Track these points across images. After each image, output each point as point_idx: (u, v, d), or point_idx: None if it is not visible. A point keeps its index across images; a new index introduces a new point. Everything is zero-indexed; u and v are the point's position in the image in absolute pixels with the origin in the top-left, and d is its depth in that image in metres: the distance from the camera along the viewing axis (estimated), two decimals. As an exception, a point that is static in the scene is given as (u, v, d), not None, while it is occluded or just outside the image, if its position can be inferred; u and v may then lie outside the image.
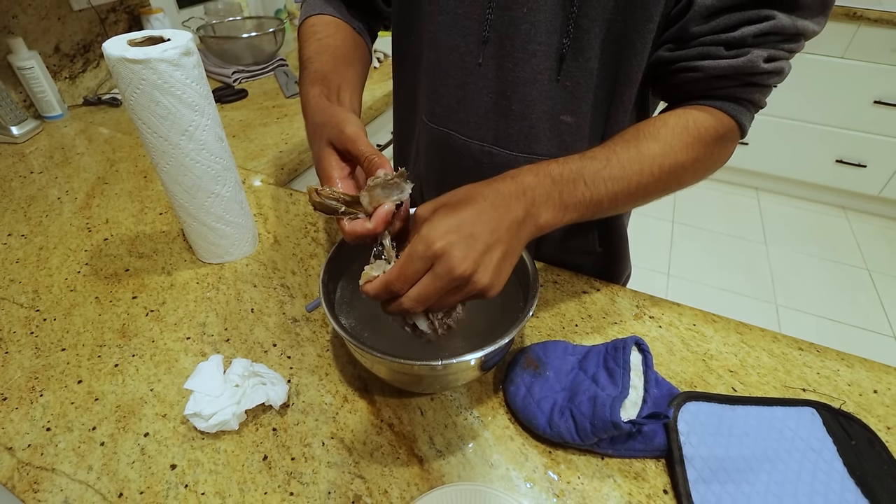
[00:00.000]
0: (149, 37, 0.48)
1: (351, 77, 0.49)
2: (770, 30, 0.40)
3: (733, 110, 0.45)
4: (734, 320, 0.55)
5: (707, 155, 0.45)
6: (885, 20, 1.85)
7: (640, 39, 0.45)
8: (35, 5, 0.95)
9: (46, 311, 0.56)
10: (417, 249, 0.32)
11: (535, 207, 0.36)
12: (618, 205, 0.42)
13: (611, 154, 0.41)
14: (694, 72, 0.44)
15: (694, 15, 0.42)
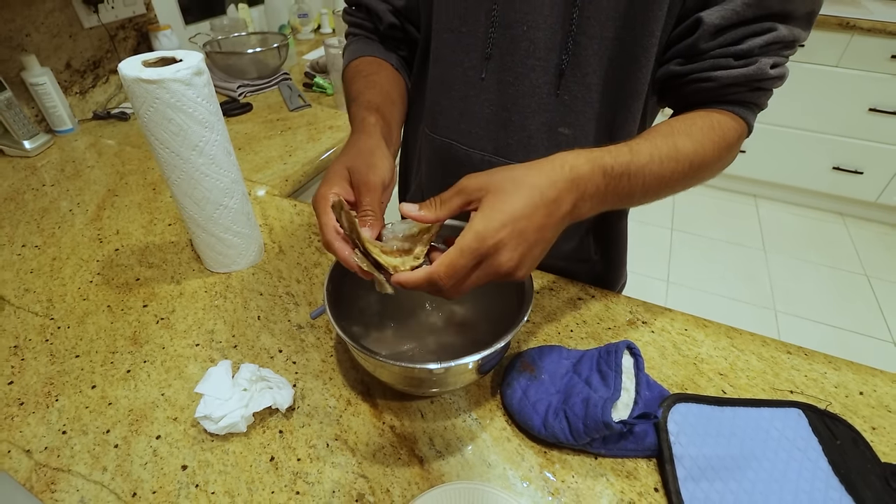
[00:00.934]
0: (161, 57, 0.50)
1: (397, 116, 0.52)
2: (773, 40, 0.43)
3: (743, 113, 0.48)
4: (724, 325, 0.57)
5: (727, 154, 0.48)
6: (877, 29, 1.88)
7: (643, 54, 0.47)
8: (48, 24, 0.98)
9: (60, 320, 0.58)
10: (470, 246, 0.33)
11: (581, 201, 0.38)
12: (646, 197, 0.44)
13: (654, 150, 0.42)
14: (707, 82, 0.46)
15: (703, 34, 0.44)
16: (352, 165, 0.41)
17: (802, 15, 0.44)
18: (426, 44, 0.57)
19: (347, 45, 0.61)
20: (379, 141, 0.45)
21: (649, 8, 0.45)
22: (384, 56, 0.59)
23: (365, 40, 0.60)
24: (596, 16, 0.46)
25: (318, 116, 1.08)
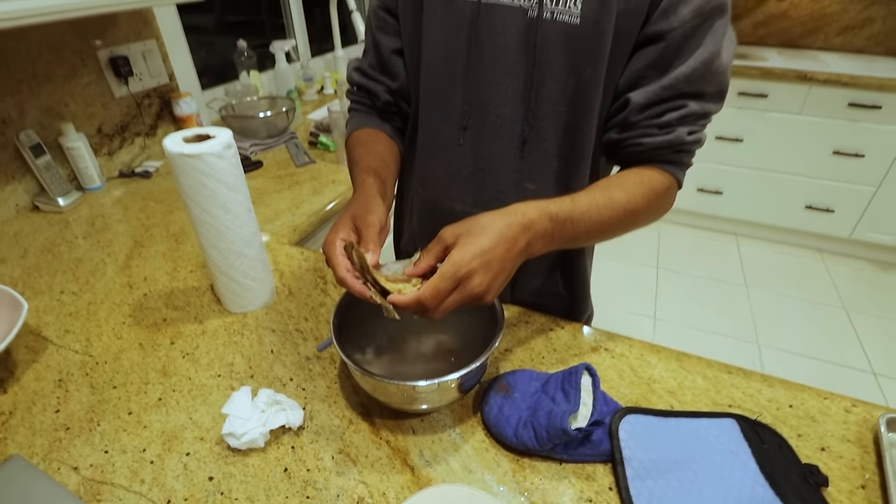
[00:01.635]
0: (197, 134, 0.62)
1: (391, 176, 0.63)
2: (686, 114, 0.55)
3: (671, 169, 0.59)
4: (675, 350, 0.65)
5: (657, 203, 0.58)
6: (833, 81, 2.06)
7: (587, 126, 0.59)
8: (84, 95, 1.12)
9: (98, 356, 0.66)
10: (448, 272, 0.43)
11: (534, 240, 0.48)
12: (590, 239, 0.55)
13: (592, 200, 0.53)
14: (638, 146, 0.58)
15: (632, 109, 0.56)
16: (354, 213, 0.52)
17: (712, 93, 0.56)
18: (415, 116, 0.69)
19: (350, 117, 0.73)
20: (376, 195, 0.55)
21: (590, 91, 0.56)
22: (381, 127, 0.70)
23: (365, 114, 0.72)
24: (548, 97, 0.58)
25: (321, 171, 1.20)
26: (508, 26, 0.56)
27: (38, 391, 0.61)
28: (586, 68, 0.55)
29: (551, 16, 0.54)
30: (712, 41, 0.52)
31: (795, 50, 2.47)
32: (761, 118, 2.24)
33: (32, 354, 0.67)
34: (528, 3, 0.55)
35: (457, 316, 0.59)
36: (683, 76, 0.53)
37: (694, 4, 0.51)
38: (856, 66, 2.17)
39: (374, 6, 0.66)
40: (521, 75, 0.58)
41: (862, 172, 2.19)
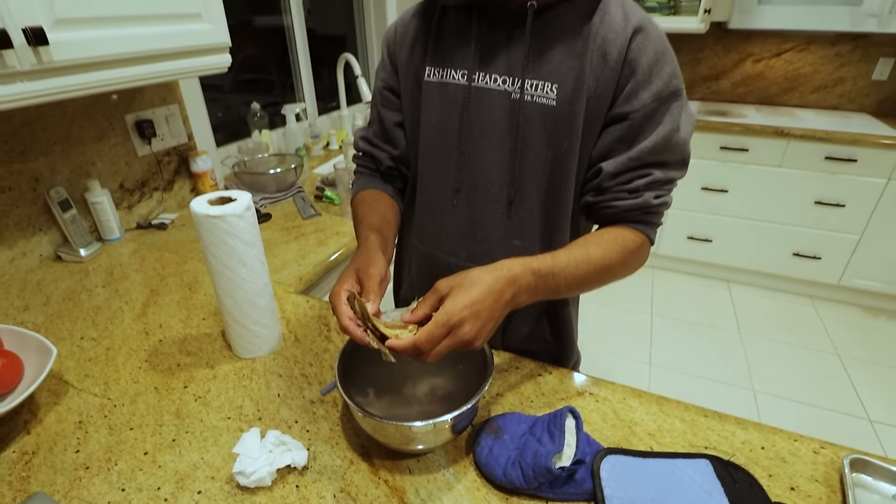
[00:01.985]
0: (220, 197, 0.69)
1: (392, 232, 0.70)
2: (652, 181, 0.63)
3: (642, 229, 0.66)
4: (656, 395, 0.70)
5: (630, 258, 0.65)
6: (808, 136, 2.19)
7: (565, 190, 0.67)
8: (111, 154, 1.21)
9: (116, 399, 0.71)
10: (441, 320, 0.49)
11: (519, 293, 0.54)
12: (570, 291, 0.61)
13: (570, 257, 0.59)
14: (611, 209, 0.65)
15: (604, 177, 0.64)
16: (358, 267, 0.59)
17: (674, 162, 0.64)
18: (414, 180, 0.77)
19: (356, 179, 0.81)
20: (377, 250, 0.62)
21: (566, 161, 0.64)
22: (383, 188, 0.78)
23: (369, 176, 0.80)
24: (531, 166, 0.66)
25: (326, 224, 1.27)
26: (495, 107, 0.65)
27: (60, 432, 0.65)
28: (563, 142, 0.63)
29: (531, 98, 0.63)
30: (670, 120, 0.61)
31: (773, 107, 2.63)
32: (744, 170, 2.36)
33: (54, 397, 0.71)
34: (512, 88, 0.64)
35: (450, 362, 0.64)
36: (647, 149, 0.61)
37: (653, 90, 0.60)
38: (830, 122, 2.31)
39: (379, 86, 0.76)
40: (506, 147, 0.66)
41: (844, 221, 2.28)
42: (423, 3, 0.71)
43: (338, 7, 2.27)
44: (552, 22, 0.61)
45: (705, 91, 2.77)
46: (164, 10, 0.94)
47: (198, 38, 1.01)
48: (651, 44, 0.59)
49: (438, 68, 0.67)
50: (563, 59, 0.61)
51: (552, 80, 0.61)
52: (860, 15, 2.14)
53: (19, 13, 0.74)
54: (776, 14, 2.25)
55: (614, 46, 0.59)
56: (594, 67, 0.60)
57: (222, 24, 1.06)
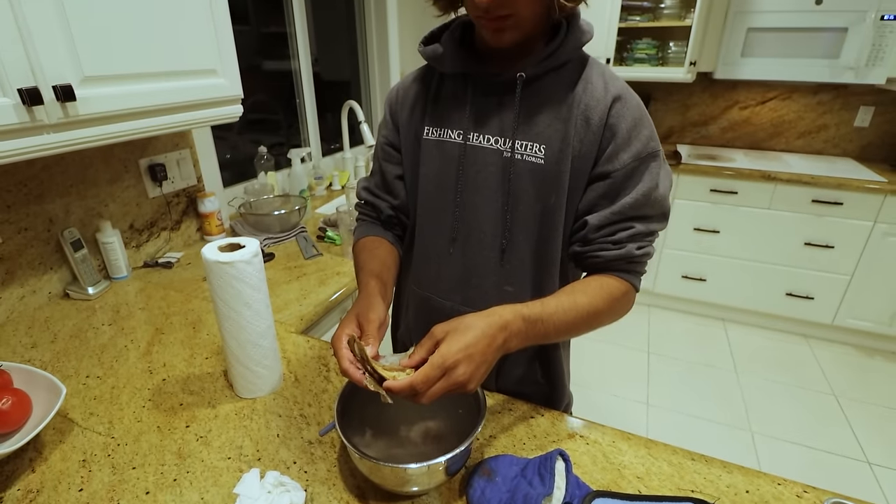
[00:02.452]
0: (230, 243, 0.73)
1: (391, 277, 0.74)
2: (634, 233, 0.67)
3: (627, 277, 0.70)
4: (644, 438, 0.72)
5: (615, 305, 0.69)
6: (794, 180, 2.27)
7: (553, 241, 0.71)
8: (123, 196, 1.27)
9: (120, 438, 0.72)
10: (437, 362, 0.52)
11: (510, 338, 0.58)
12: (559, 336, 0.64)
13: (558, 304, 0.63)
14: (597, 258, 0.69)
15: (589, 229, 0.69)
16: (359, 312, 0.63)
17: (655, 216, 0.69)
18: (413, 229, 0.81)
19: (358, 226, 0.86)
20: (377, 295, 0.66)
21: (554, 214, 0.69)
22: (383, 235, 0.83)
23: (370, 224, 0.85)
24: (521, 218, 0.71)
25: (327, 264, 1.32)
26: (489, 164, 0.70)
27: (64, 470, 0.67)
28: (551, 197, 0.68)
29: (521, 157, 0.68)
30: (649, 178, 0.66)
31: (760, 151, 2.73)
32: (734, 212, 2.43)
33: (59, 435, 0.73)
34: (504, 147, 0.69)
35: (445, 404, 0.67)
36: (628, 205, 0.66)
37: (632, 152, 0.65)
38: (816, 167, 2.40)
39: (382, 142, 0.82)
40: (499, 200, 0.71)
41: (834, 262, 2.33)
42: (423, 68, 0.78)
43: (343, 55, 2.39)
44: (539, 90, 0.67)
45: (695, 136, 2.88)
46: (183, 66, 1.02)
47: (213, 91, 1.09)
48: (629, 111, 0.65)
49: (437, 128, 0.73)
50: (549, 122, 0.67)
51: (540, 141, 0.67)
52: (838, 67, 2.25)
53: (51, 72, 0.80)
54: (759, 66, 2.37)
55: (596, 112, 0.65)
56: (578, 131, 0.66)
57: (236, 78, 1.14)
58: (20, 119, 0.77)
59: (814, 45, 2.27)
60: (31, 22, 0.76)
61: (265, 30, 1.95)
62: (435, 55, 0.72)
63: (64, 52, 0.81)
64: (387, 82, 2.50)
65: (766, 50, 2.34)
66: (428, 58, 0.73)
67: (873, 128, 2.55)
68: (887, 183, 2.15)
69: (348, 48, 2.41)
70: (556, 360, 0.81)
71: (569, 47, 0.65)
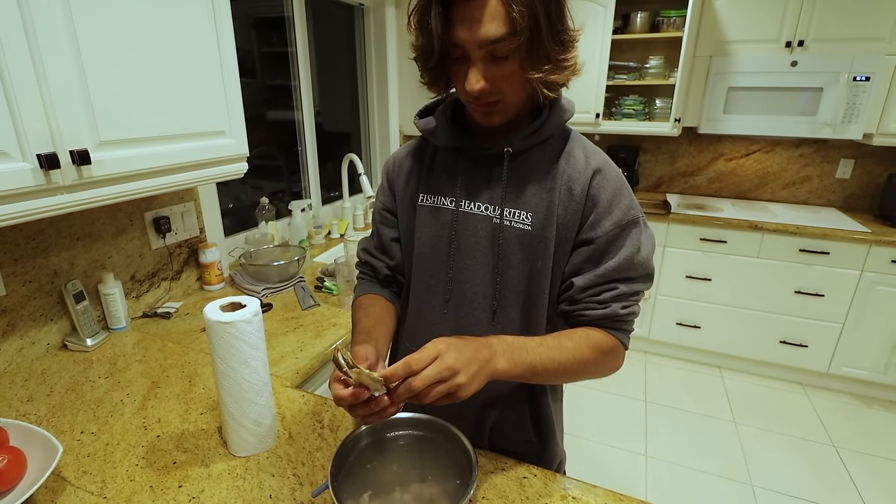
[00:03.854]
0: (231, 302, 0.76)
1: (384, 331, 0.77)
2: (618, 294, 0.70)
3: (614, 333, 0.73)
4: (637, 499, 0.72)
5: (602, 358, 0.71)
6: (781, 230, 2.33)
7: (541, 301, 0.74)
8: (127, 248, 1.30)
9: (112, 498, 0.72)
10: (429, 347, 0.55)
11: (495, 356, 0.61)
12: (547, 374, 0.66)
13: (542, 341, 0.67)
14: (584, 317, 0.72)
15: (575, 290, 0.72)
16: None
17: (638, 277, 0.72)
18: (408, 288, 0.84)
19: (357, 284, 0.90)
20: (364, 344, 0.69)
21: (541, 277, 0.73)
22: (380, 293, 0.86)
23: (369, 282, 0.88)
24: (510, 280, 0.74)
25: (324, 315, 1.34)
26: (479, 229, 0.74)
27: (54, 535, 0.67)
28: (537, 261, 0.72)
29: (510, 223, 0.72)
30: (631, 243, 0.70)
31: (747, 201, 2.82)
32: (725, 260, 2.48)
33: (52, 495, 0.73)
34: (494, 214, 0.73)
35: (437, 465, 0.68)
36: (612, 268, 0.70)
37: (613, 220, 0.69)
38: (801, 217, 2.47)
39: (379, 207, 0.86)
40: (489, 263, 0.74)
41: (825, 310, 2.36)
42: (419, 139, 0.83)
43: (345, 108, 2.50)
44: (525, 162, 0.72)
45: (683, 185, 2.97)
46: (194, 129, 1.08)
47: (221, 151, 1.14)
48: (609, 182, 0.70)
49: (431, 195, 0.78)
50: (535, 192, 0.71)
51: (527, 209, 0.71)
52: (816, 124, 2.37)
53: (69, 138, 0.85)
54: (740, 122, 2.49)
55: (578, 184, 0.70)
56: (562, 200, 0.70)
57: (242, 138, 1.20)
58: (36, 182, 0.82)
59: (792, 103, 2.39)
60: (53, 90, 0.81)
61: (270, 82, 2.06)
62: (428, 129, 0.77)
63: (83, 118, 0.87)
64: (386, 135, 2.60)
65: (747, 107, 2.46)
66: (422, 130, 0.79)
67: (855, 179, 2.65)
68: (871, 233, 2.22)
69: (350, 101, 2.52)
70: (548, 417, 0.82)
71: (552, 125, 0.71)
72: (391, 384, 0.57)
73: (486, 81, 0.62)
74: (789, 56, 2.33)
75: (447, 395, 0.56)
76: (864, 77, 2.25)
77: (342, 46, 2.41)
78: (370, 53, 2.50)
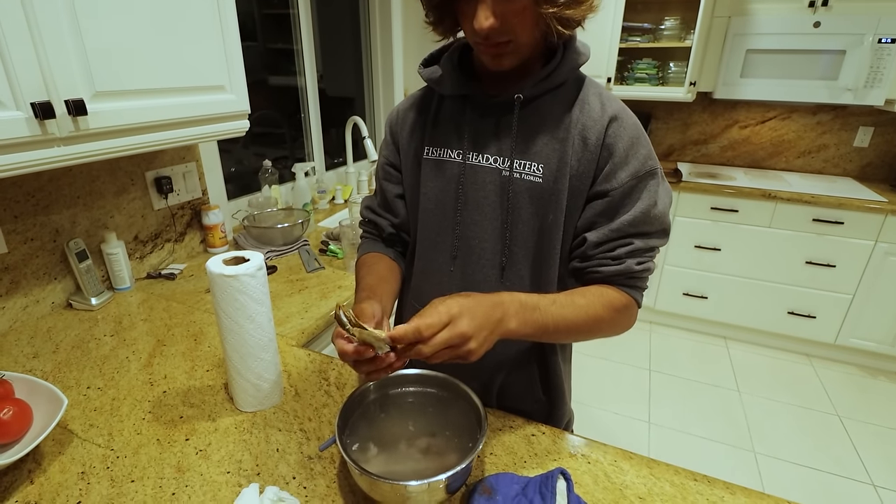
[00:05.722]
0: (234, 257, 0.74)
1: (388, 289, 0.75)
2: (633, 249, 0.68)
3: (627, 290, 0.70)
4: (646, 457, 0.72)
5: (616, 316, 0.69)
6: (795, 199, 2.28)
7: (552, 257, 0.72)
8: (129, 208, 1.28)
9: (119, 450, 0.72)
10: (442, 310, 0.52)
11: (507, 316, 0.58)
12: (558, 331, 0.64)
13: (556, 298, 0.64)
14: (597, 273, 0.70)
15: (588, 246, 0.69)
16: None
17: (654, 232, 0.69)
18: (414, 246, 0.82)
19: (361, 243, 0.88)
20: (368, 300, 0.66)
21: (553, 231, 0.70)
22: (384, 251, 0.84)
23: (372, 241, 0.86)
24: (520, 235, 0.71)
25: (329, 277, 1.32)
26: (487, 182, 0.71)
27: (62, 483, 0.67)
28: (549, 215, 0.69)
29: (520, 175, 0.69)
30: (648, 196, 0.67)
31: (760, 170, 2.75)
32: (735, 230, 2.43)
33: (59, 447, 0.73)
34: (503, 166, 0.70)
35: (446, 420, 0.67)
36: (627, 222, 0.67)
37: (629, 171, 0.66)
38: (816, 186, 2.41)
39: (382, 162, 0.83)
40: (498, 218, 0.72)
41: (836, 281, 2.33)
42: (423, 90, 0.79)
43: (348, 72, 2.43)
44: (537, 110, 0.68)
45: (695, 154, 2.90)
46: (193, 82, 1.03)
47: (221, 106, 1.10)
48: (626, 130, 0.66)
49: (436, 148, 0.74)
50: (547, 142, 0.68)
51: (538, 160, 0.68)
52: (837, 89, 2.28)
53: (64, 87, 0.82)
54: (758, 87, 2.40)
55: (593, 133, 0.66)
56: (575, 150, 0.67)
57: (243, 94, 1.16)
58: (32, 132, 0.79)
59: (812, 67, 2.30)
60: (45, 37, 0.78)
61: (272, 46, 1.99)
62: (434, 77, 0.73)
63: (77, 67, 0.83)
64: (391, 99, 2.54)
65: (765, 71, 2.37)
66: (427, 79, 0.75)
67: (873, 148, 2.57)
68: (888, 203, 2.16)
69: (353, 65, 2.45)
70: (557, 377, 0.81)
71: (565, 69, 0.67)
72: (398, 346, 0.55)
73: (496, 18, 0.58)
74: (812, 16, 2.23)
75: (455, 357, 0.55)
76: (890, 39, 2.15)
77: (345, 7, 2.32)
78: (374, 14, 2.40)
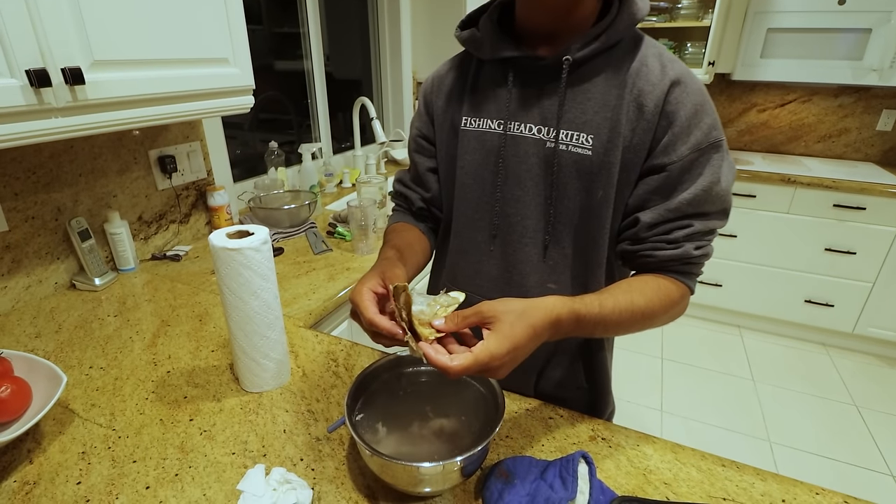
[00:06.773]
0: (239, 231, 0.71)
1: (412, 258, 0.71)
2: (692, 232, 0.62)
3: (683, 279, 0.65)
4: (671, 442, 0.68)
5: (672, 309, 0.64)
6: (815, 184, 2.21)
7: (600, 237, 0.67)
8: (132, 188, 1.25)
9: (121, 430, 0.70)
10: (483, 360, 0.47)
11: (557, 334, 0.54)
12: (607, 334, 0.61)
13: (616, 304, 0.58)
14: (650, 258, 0.64)
15: (641, 227, 0.64)
16: (382, 270, 0.59)
17: (715, 212, 0.63)
18: (448, 224, 0.78)
19: (392, 215, 0.85)
20: (397, 262, 0.63)
21: (601, 209, 0.65)
22: (414, 223, 0.81)
23: (402, 213, 0.84)
24: (566, 212, 0.67)
25: (337, 259, 1.29)
26: (530, 154, 0.66)
27: (62, 462, 0.64)
28: (598, 191, 0.63)
29: (566, 147, 0.63)
30: (710, 171, 0.60)
31: (779, 155, 2.67)
32: (752, 215, 2.37)
33: (59, 426, 0.71)
34: (548, 137, 0.64)
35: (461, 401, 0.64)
36: (686, 201, 0.61)
37: (691, 143, 0.59)
38: (837, 171, 2.33)
39: (414, 134, 0.79)
40: (541, 193, 0.67)
41: (856, 269, 2.26)
42: (460, 55, 0.74)
43: (355, 54, 2.38)
44: (587, 74, 0.62)
45: (711, 138, 2.82)
46: (195, 54, 1.00)
47: (224, 80, 1.07)
48: (690, 96, 0.59)
49: (475, 118, 0.69)
50: (598, 110, 0.62)
51: (587, 130, 0.62)
52: (861, 69, 2.20)
53: (60, 54, 0.78)
54: (779, 67, 2.32)
55: (651, 98, 0.59)
56: (630, 118, 0.60)
57: (248, 68, 1.12)
58: (27, 101, 0.75)
59: (836, 46, 2.21)
60: (40, 2, 0.74)
61: (278, 30, 1.94)
62: (472, 40, 0.68)
63: (74, 34, 0.80)
64: (399, 80, 2.48)
65: (787, 51, 2.29)
66: (465, 43, 0.69)
67: (896, 132, 2.49)
68: (912, 187, 2.09)
69: (361, 47, 2.39)
70: (602, 362, 0.76)
71: (621, 25, 0.60)
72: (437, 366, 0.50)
73: None
74: (837, -7, 2.14)
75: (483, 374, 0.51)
76: (919, 16, 2.06)
77: (352, -15, 2.27)
78: (382, -7, 2.35)
